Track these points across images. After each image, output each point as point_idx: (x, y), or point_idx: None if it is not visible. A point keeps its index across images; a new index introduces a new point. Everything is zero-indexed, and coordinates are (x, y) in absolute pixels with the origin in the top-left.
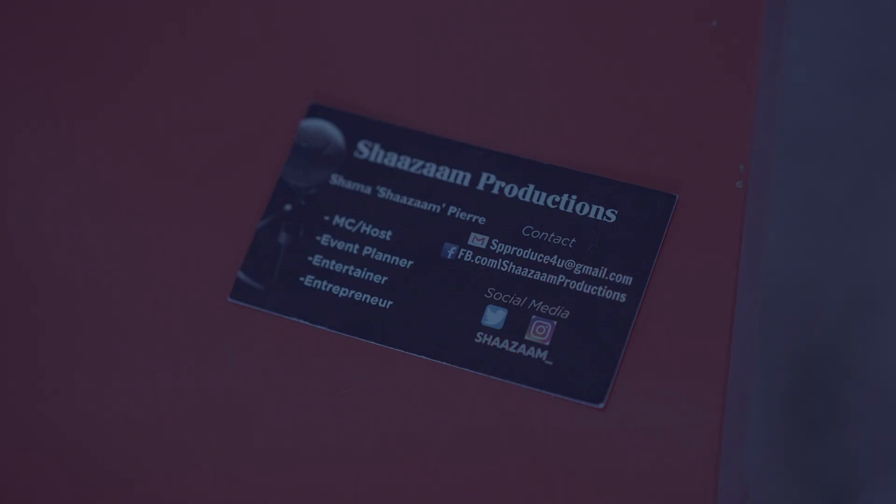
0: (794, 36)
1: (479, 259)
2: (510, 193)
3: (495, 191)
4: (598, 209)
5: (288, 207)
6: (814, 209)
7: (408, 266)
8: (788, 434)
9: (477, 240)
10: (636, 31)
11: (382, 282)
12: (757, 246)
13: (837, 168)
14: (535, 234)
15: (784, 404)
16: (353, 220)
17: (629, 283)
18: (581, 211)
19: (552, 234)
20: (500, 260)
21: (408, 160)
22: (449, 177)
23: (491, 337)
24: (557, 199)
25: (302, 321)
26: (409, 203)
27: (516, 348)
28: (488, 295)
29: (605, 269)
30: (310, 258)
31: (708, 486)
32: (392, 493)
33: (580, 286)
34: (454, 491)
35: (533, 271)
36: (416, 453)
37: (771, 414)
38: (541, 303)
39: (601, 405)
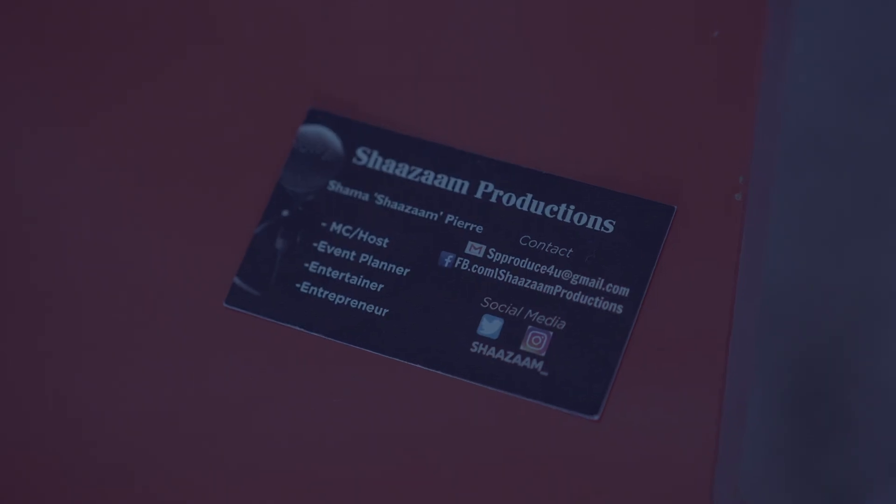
0: (797, 36)
1: (475, 268)
2: (508, 202)
3: (493, 199)
4: (595, 219)
5: (285, 213)
6: (817, 212)
7: (404, 274)
8: (791, 438)
9: (474, 248)
10: (637, 42)
11: (379, 289)
12: (756, 257)
13: (841, 170)
14: (533, 243)
15: (787, 408)
16: (350, 227)
17: (626, 295)
18: (579, 221)
19: (550, 244)
20: (497, 269)
21: (406, 167)
22: (447, 185)
23: (486, 346)
24: (555, 208)
25: (298, 328)
26: (407, 210)
27: (512, 358)
28: (484, 304)
29: (603, 280)
30: (306, 264)
31: (702, 501)
32: (385, 501)
33: (577, 297)
34: (447, 498)
35: (530, 281)
36: (410, 462)
37: (773, 418)
38: (537, 313)
39: (596, 417)
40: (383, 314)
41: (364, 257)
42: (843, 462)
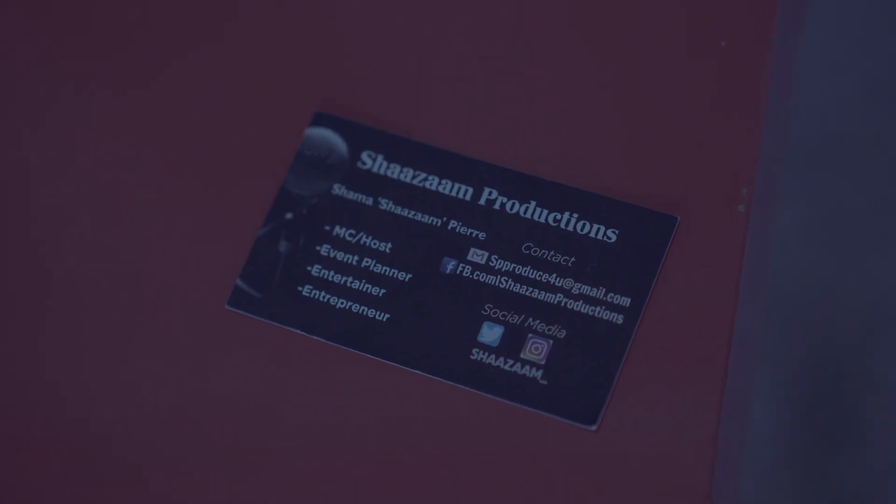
0: (810, 38)
1: (477, 275)
2: (511, 209)
3: (497, 206)
4: (598, 228)
5: (289, 216)
6: (834, 219)
7: (406, 279)
8: (804, 446)
9: (476, 255)
10: (643, 52)
11: (380, 294)
12: (760, 266)
13: (858, 177)
14: (535, 251)
15: (800, 416)
16: (353, 231)
17: (627, 305)
18: (582, 230)
19: (552, 252)
20: (499, 276)
21: (410, 172)
22: (451, 190)
23: (486, 354)
24: (559, 216)
25: (299, 331)
26: (410, 216)
27: (511, 366)
28: (485, 311)
29: (604, 290)
30: (309, 268)
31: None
32: None
33: (578, 306)
34: (444, 502)
35: (531, 289)
36: (408, 467)
37: (787, 426)
38: (538, 321)
39: (594, 427)
40: (384, 319)
41: (366, 262)
42: (858, 471)
